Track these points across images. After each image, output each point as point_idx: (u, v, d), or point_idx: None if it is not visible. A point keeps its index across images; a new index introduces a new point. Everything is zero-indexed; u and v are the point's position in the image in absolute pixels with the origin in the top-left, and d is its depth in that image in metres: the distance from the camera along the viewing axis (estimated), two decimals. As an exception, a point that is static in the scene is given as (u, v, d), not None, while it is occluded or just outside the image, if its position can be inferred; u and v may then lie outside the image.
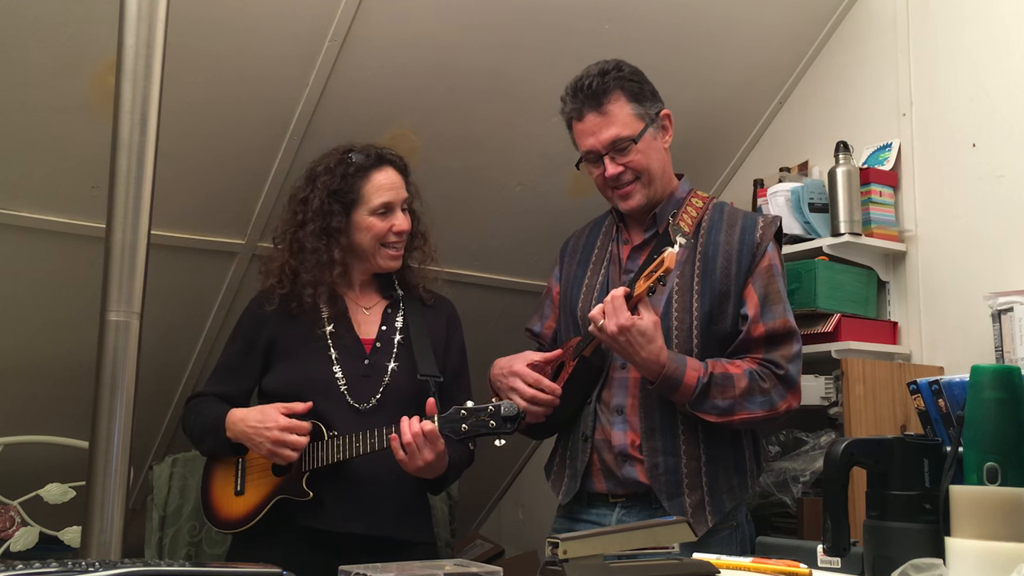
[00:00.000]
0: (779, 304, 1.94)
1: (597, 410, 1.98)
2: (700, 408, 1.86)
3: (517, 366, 2.01)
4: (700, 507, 1.89)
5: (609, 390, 1.98)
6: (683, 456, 1.90)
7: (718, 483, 1.91)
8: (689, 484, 1.89)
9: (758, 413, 1.88)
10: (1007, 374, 1.19)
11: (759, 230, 1.99)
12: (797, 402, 1.94)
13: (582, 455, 1.98)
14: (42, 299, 2.45)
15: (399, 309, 2.17)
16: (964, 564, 1.10)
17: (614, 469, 1.94)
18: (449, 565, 1.19)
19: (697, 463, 1.91)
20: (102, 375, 1.52)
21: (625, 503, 1.95)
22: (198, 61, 2.18)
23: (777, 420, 1.96)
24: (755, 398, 1.88)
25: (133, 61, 1.54)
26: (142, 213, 1.55)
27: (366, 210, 2.09)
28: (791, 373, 1.91)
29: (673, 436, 1.91)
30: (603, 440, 1.95)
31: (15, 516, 2.47)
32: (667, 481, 1.89)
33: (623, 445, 1.93)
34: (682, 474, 1.90)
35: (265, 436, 1.94)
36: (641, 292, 1.77)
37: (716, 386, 1.86)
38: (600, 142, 1.99)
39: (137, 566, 1.03)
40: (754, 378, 1.88)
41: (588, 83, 1.99)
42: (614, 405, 1.96)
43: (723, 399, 1.86)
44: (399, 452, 1.87)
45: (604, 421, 1.96)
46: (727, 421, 1.88)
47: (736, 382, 1.87)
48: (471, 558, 2.98)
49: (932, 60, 2.54)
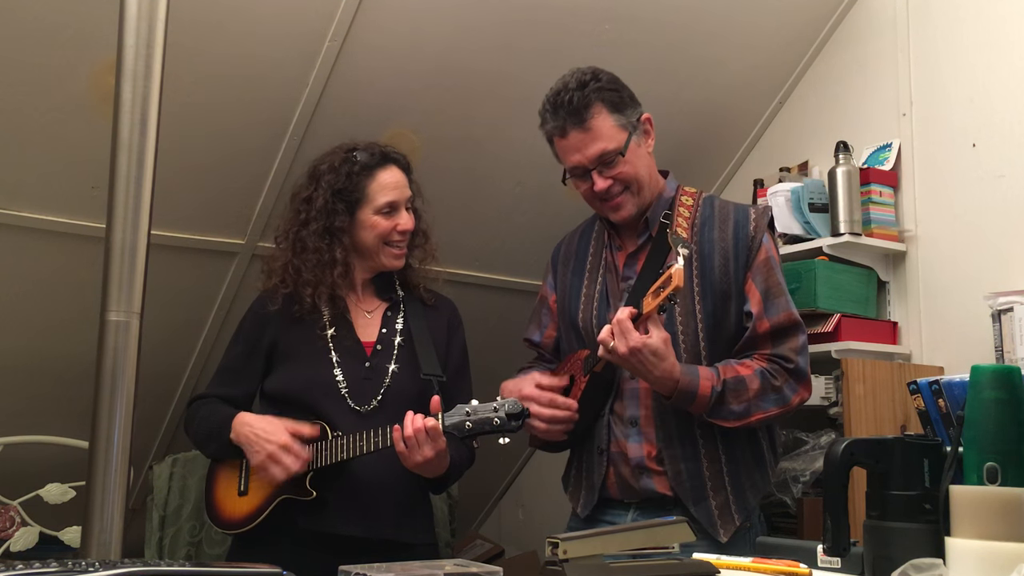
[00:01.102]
0: (781, 297, 1.94)
1: (611, 423, 1.97)
2: (717, 416, 1.86)
3: (527, 390, 1.98)
4: (726, 508, 1.89)
5: (621, 402, 1.97)
6: (704, 460, 1.90)
7: (740, 482, 1.91)
8: (713, 487, 1.89)
9: (772, 411, 1.88)
10: (1007, 374, 1.19)
11: (752, 222, 1.98)
12: (809, 393, 1.94)
13: (599, 468, 1.97)
14: (42, 299, 2.45)
15: (400, 311, 2.17)
16: (964, 564, 1.10)
17: (631, 482, 1.93)
18: (449, 565, 1.19)
19: (718, 465, 1.91)
20: (102, 375, 1.51)
21: (639, 504, 1.95)
22: (198, 61, 2.18)
23: (790, 414, 1.96)
24: (768, 396, 1.88)
25: (133, 61, 1.54)
26: (142, 213, 1.54)
27: (371, 209, 2.09)
28: (800, 365, 1.91)
29: (692, 442, 1.91)
30: (619, 453, 1.95)
31: (15, 516, 2.47)
32: (692, 487, 1.89)
33: (640, 457, 1.92)
34: (705, 478, 1.89)
35: (264, 447, 1.94)
36: (651, 311, 1.74)
37: (730, 392, 1.85)
38: (587, 158, 1.95)
39: (137, 566, 1.03)
40: (765, 377, 1.88)
41: (567, 98, 1.94)
42: (628, 417, 1.95)
43: (738, 404, 1.86)
44: (399, 444, 1.87)
45: (619, 434, 1.95)
46: (744, 424, 1.88)
47: (749, 384, 1.87)
48: (471, 558, 2.98)
49: (932, 60, 2.54)
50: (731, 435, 1.92)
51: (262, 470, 1.95)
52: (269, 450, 1.93)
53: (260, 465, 1.94)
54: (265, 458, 1.93)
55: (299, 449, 1.94)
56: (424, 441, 1.86)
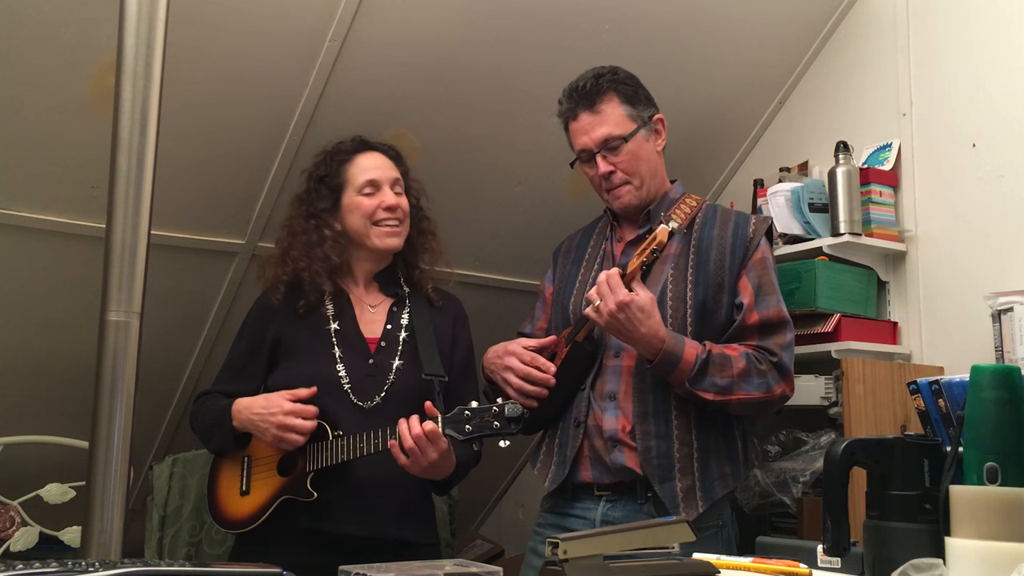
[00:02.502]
0: (773, 294, 1.98)
1: (591, 397, 1.99)
2: (699, 386, 1.87)
3: (512, 346, 2.06)
4: (691, 492, 1.90)
5: (602, 378, 1.99)
6: (675, 441, 1.92)
7: (709, 470, 1.92)
8: (681, 469, 1.90)
9: (755, 395, 1.89)
10: (1007, 374, 1.19)
11: (752, 226, 2.04)
12: (791, 390, 1.96)
13: (573, 441, 1.99)
14: (42, 299, 2.45)
15: (405, 307, 2.17)
16: (964, 564, 1.10)
17: (603, 455, 1.94)
18: (449, 565, 1.19)
19: (689, 448, 1.92)
20: (102, 375, 1.52)
21: (610, 496, 1.95)
22: (198, 61, 2.18)
23: (773, 405, 1.98)
24: (752, 379, 1.90)
25: (133, 61, 1.54)
26: (142, 213, 1.55)
27: (353, 190, 2.12)
28: (784, 361, 1.93)
29: (666, 421, 1.92)
30: (595, 426, 1.96)
31: (15, 516, 2.47)
32: (659, 465, 1.90)
33: (614, 430, 1.94)
34: (674, 459, 1.91)
35: (270, 421, 1.94)
36: (635, 268, 1.81)
37: (714, 364, 1.88)
38: (592, 140, 2.03)
39: (137, 566, 1.03)
40: (751, 360, 1.90)
41: (583, 85, 2.04)
42: (607, 392, 1.97)
43: (721, 378, 1.88)
44: (400, 457, 1.87)
45: (597, 407, 1.97)
46: (725, 400, 1.88)
47: (734, 363, 1.89)
48: (471, 558, 2.98)
49: (932, 60, 2.54)
50: (706, 423, 1.93)
51: (279, 442, 1.95)
52: (276, 421, 1.93)
53: (275, 439, 1.95)
54: (276, 431, 1.93)
55: (303, 408, 1.94)
56: (426, 446, 1.86)
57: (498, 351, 2.09)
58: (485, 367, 2.12)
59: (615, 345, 1.98)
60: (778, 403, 1.97)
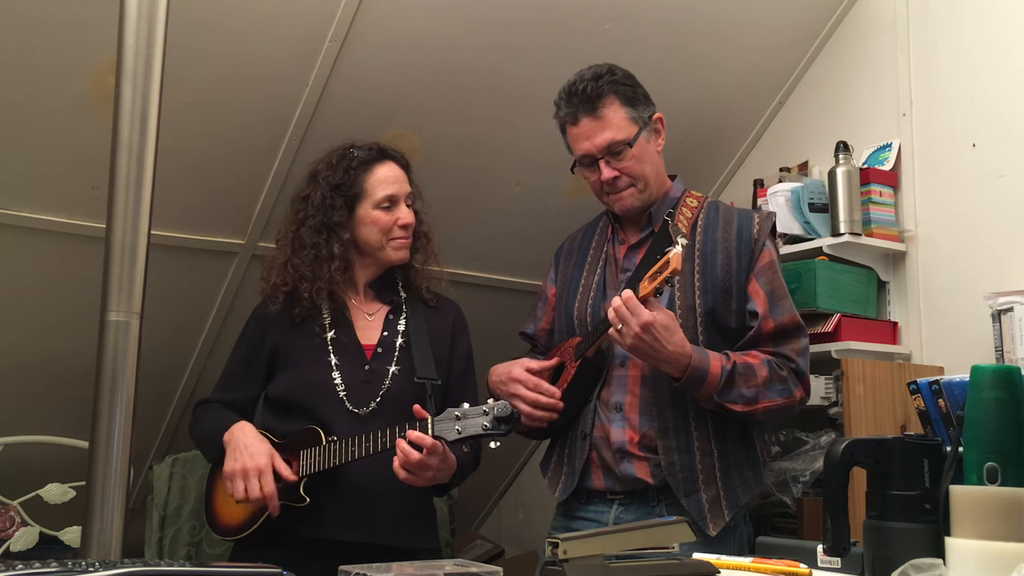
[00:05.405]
0: (786, 300, 1.96)
1: (597, 408, 1.98)
2: (727, 398, 1.86)
3: (516, 371, 2.02)
4: (716, 502, 1.89)
5: (608, 388, 1.98)
6: (697, 453, 1.90)
7: (731, 478, 1.92)
8: (704, 480, 1.90)
9: (779, 401, 1.89)
10: (1007, 374, 1.19)
11: (756, 225, 2.00)
12: (807, 396, 1.96)
13: (580, 452, 1.98)
14: (42, 299, 2.45)
15: (402, 313, 2.16)
16: (964, 564, 1.10)
17: (612, 466, 1.94)
18: (449, 565, 1.19)
19: (711, 459, 1.91)
20: (102, 375, 1.51)
21: (623, 500, 1.95)
22: (198, 61, 2.18)
23: (792, 410, 1.97)
24: (775, 386, 1.89)
25: (133, 61, 1.54)
26: (142, 213, 1.54)
27: (370, 204, 2.09)
28: (801, 366, 1.93)
29: (686, 433, 1.91)
30: (602, 437, 1.95)
31: (15, 516, 2.47)
32: (684, 478, 1.89)
33: (621, 442, 1.93)
34: (697, 470, 1.90)
35: (241, 460, 1.94)
36: (647, 293, 1.76)
37: (740, 375, 1.86)
38: (595, 146, 1.99)
39: (137, 566, 1.03)
40: (772, 367, 1.90)
41: (582, 87, 1.99)
42: (613, 403, 1.96)
43: (748, 388, 1.86)
44: (400, 471, 1.86)
45: (603, 419, 1.97)
46: (751, 411, 1.88)
47: (757, 371, 1.88)
48: (471, 558, 2.98)
49: (932, 60, 2.54)
50: (724, 431, 1.93)
51: (228, 479, 1.95)
52: (243, 464, 1.93)
53: (228, 473, 1.94)
54: (237, 469, 1.93)
55: (269, 480, 1.92)
56: (427, 463, 1.85)
57: (501, 376, 2.06)
58: (491, 389, 2.10)
59: (620, 354, 1.96)
60: (797, 408, 1.96)
